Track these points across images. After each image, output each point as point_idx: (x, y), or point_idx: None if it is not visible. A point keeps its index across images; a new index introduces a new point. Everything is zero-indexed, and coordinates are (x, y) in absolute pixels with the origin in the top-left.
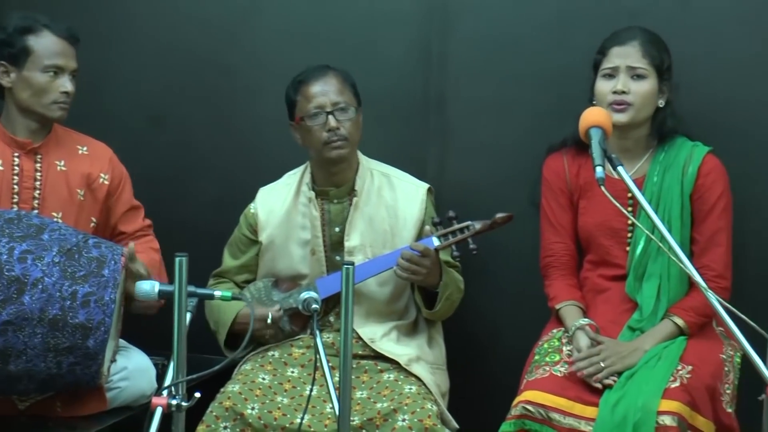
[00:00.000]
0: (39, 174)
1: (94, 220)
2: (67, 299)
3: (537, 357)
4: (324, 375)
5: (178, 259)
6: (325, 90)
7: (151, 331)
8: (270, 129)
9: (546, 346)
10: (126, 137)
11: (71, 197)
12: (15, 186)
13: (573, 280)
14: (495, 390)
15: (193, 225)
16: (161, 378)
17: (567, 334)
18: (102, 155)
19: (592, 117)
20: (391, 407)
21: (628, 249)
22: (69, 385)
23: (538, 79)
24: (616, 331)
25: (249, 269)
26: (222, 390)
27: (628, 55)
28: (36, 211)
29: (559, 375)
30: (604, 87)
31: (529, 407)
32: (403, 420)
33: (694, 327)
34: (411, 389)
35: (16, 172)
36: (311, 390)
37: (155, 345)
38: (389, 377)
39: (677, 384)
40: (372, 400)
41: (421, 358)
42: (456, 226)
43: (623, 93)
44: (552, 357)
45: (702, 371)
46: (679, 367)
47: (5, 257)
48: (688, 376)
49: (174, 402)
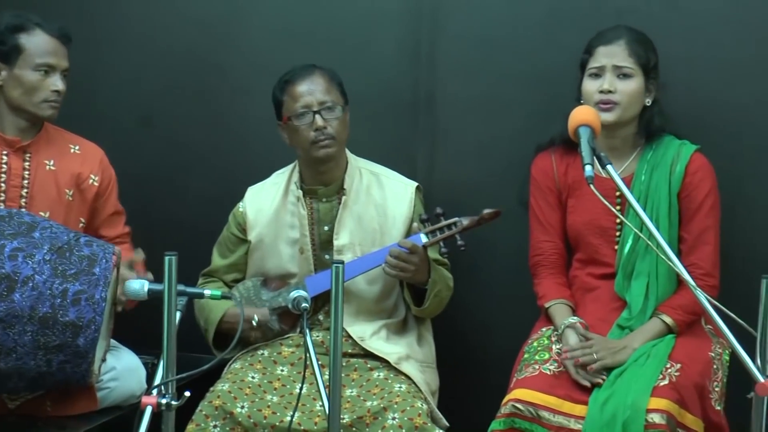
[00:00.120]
0: (27, 173)
1: (83, 220)
2: (58, 297)
3: (526, 355)
4: (314, 373)
5: (167, 258)
6: (312, 89)
7: (141, 330)
8: (261, 128)
9: (535, 344)
10: (117, 136)
11: (59, 197)
12: (2, 184)
13: (562, 278)
14: (485, 388)
15: (183, 224)
16: (151, 377)
17: (556, 332)
18: (93, 156)
19: (581, 116)
20: (381, 405)
21: (616, 247)
22: (59, 383)
23: (527, 79)
24: (605, 330)
25: (238, 268)
26: (212, 389)
27: (614, 55)
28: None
29: (549, 373)
30: (590, 86)
31: (519, 405)
32: (393, 418)
33: (682, 325)
34: (401, 388)
35: (3, 170)
36: (301, 388)
37: (145, 344)
38: (379, 375)
39: (666, 382)
40: (362, 398)
41: (411, 356)
42: (443, 222)
43: (609, 92)
44: (541, 355)
45: (691, 369)
46: (668, 365)
47: None
48: (677, 374)
49: (164, 401)
